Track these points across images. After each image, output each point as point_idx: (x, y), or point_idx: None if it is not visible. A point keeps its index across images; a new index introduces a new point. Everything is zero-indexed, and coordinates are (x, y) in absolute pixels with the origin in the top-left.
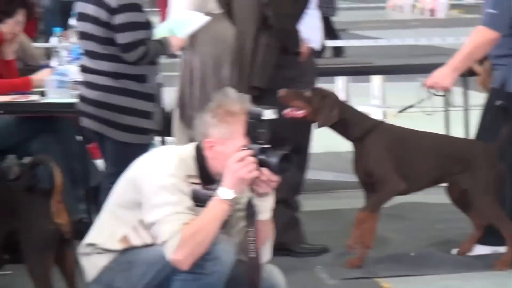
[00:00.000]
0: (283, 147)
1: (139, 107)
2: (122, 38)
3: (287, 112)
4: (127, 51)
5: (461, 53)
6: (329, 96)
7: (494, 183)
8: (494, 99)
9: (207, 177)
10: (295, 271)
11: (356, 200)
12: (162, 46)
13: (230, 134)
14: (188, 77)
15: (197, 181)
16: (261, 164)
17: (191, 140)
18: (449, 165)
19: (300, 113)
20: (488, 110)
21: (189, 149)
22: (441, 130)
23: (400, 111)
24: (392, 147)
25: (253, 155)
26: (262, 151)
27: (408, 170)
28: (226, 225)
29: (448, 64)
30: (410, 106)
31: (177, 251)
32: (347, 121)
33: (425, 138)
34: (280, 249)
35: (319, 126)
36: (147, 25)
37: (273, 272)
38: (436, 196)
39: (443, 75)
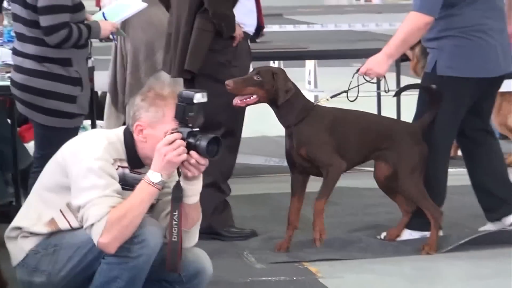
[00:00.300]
0: (213, 130)
1: (63, 91)
2: (44, 20)
3: (238, 102)
4: (49, 34)
5: (396, 40)
6: (278, 72)
7: (418, 162)
8: (429, 83)
9: (135, 160)
10: (223, 255)
11: (285, 184)
12: (91, 30)
13: (160, 117)
14: (120, 63)
15: (126, 164)
16: (190, 147)
17: (123, 125)
18: (377, 142)
19: (252, 99)
20: (421, 94)
21: (118, 132)
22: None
23: (332, 97)
24: (330, 127)
25: (182, 139)
26: (192, 134)
27: (344, 149)
28: (153, 209)
29: (383, 51)
30: (344, 92)
31: (103, 234)
32: (291, 102)
33: (357, 116)
34: (209, 233)
35: (280, 103)
36: (72, 8)
37: (200, 256)
38: (365, 181)
39: (378, 62)
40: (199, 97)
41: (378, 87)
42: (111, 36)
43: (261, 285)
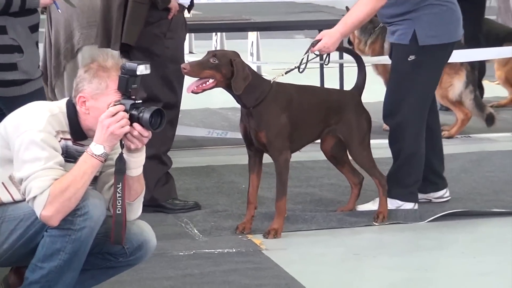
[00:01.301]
0: (152, 104)
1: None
2: None
3: (195, 89)
4: None
5: (354, 19)
6: (236, 58)
7: (366, 130)
8: (406, 55)
9: (78, 132)
10: (166, 228)
11: (229, 157)
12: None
13: (103, 89)
14: (48, 45)
15: (68, 136)
16: (133, 119)
17: None
18: (328, 117)
19: (209, 84)
20: (399, 66)
21: (61, 104)
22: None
23: (287, 72)
24: (288, 110)
25: (125, 111)
26: (135, 106)
27: (299, 130)
28: (97, 181)
29: (337, 29)
30: (296, 67)
31: (46, 207)
32: (249, 85)
33: (312, 93)
34: (152, 205)
35: (237, 92)
36: None
37: (144, 229)
38: (308, 153)
39: (332, 40)
40: (142, 69)
41: (321, 58)
42: (55, 5)
43: (204, 257)
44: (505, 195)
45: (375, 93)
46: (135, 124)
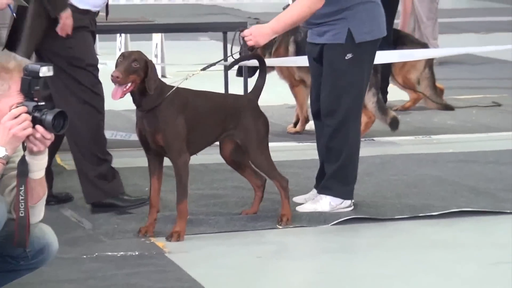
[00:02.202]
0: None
1: None
2: None
3: (120, 95)
4: None
5: (288, 19)
6: (148, 59)
7: (264, 134)
8: (343, 54)
9: None
10: (69, 230)
11: (132, 159)
12: None
13: (5, 90)
14: None
15: None
16: (36, 121)
17: None
18: (225, 123)
19: (128, 87)
20: (336, 65)
21: None
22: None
23: (202, 70)
24: (184, 113)
25: (28, 113)
26: (37, 108)
27: (196, 134)
28: None
29: (269, 25)
30: (211, 64)
31: None
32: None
33: (208, 98)
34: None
35: (150, 91)
36: None
37: (46, 232)
38: (213, 156)
39: (262, 33)
40: (45, 71)
41: (249, 50)
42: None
43: (107, 260)
44: (408, 198)
45: (279, 96)
46: (38, 126)
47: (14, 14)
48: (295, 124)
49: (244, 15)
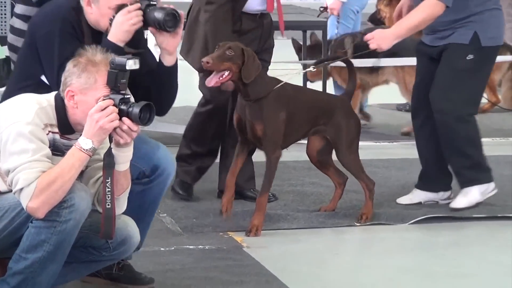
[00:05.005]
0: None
1: None
2: None
3: (215, 83)
4: None
5: (410, 24)
6: (246, 48)
7: (355, 135)
8: (464, 54)
9: (66, 126)
10: None
11: None
12: None
13: (92, 84)
14: None
15: (56, 130)
16: (122, 114)
17: None
18: (317, 118)
19: (225, 76)
20: (456, 64)
21: (49, 97)
22: None
23: (315, 64)
24: (286, 108)
25: (114, 105)
26: (124, 101)
27: (292, 127)
28: (83, 175)
29: (392, 30)
30: (330, 59)
31: (33, 199)
32: (258, 79)
33: (306, 94)
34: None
35: (246, 80)
36: None
37: (128, 223)
38: (291, 153)
39: (383, 37)
40: (132, 64)
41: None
42: None
43: (186, 253)
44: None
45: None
46: (124, 119)
47: None
48: None
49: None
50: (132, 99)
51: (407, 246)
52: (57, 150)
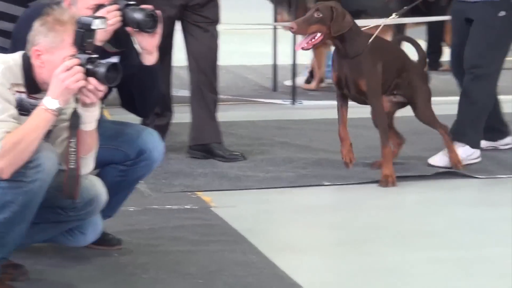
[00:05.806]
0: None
1: None
2: None
3: (305, 46)
4: None
5: None
6: (336, 6)
7: (430, 94)
8: (496, 11)
9: (33, 86)
10: None
11: (180, 114)
12: None
13: (58, 43)
14: None
15: (23, 89)
16: (89, 74)
17: None
18: (399, 74)
19: (317, 38)
20: (488, 21)
21: (16, 57)
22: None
23: (397, 14)
24: (381, 60)
25: (81, 65)
26: (90, 60)
27: (384, 77)
28: (50, 135)
29: None
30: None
31: None
32: (351, 34)
33: (393, 48)
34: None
35: (334, 33)
36: None
37: (95, 183)
38: (260, 113)
39: None
40: (98, 23)
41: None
42: None
43: (154, 213)
44: None
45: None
46: (90, 78)
47: None
48: (308, 81)
49: None
50: (101, 60)
51: (380, 204)
52: (24, 110)
